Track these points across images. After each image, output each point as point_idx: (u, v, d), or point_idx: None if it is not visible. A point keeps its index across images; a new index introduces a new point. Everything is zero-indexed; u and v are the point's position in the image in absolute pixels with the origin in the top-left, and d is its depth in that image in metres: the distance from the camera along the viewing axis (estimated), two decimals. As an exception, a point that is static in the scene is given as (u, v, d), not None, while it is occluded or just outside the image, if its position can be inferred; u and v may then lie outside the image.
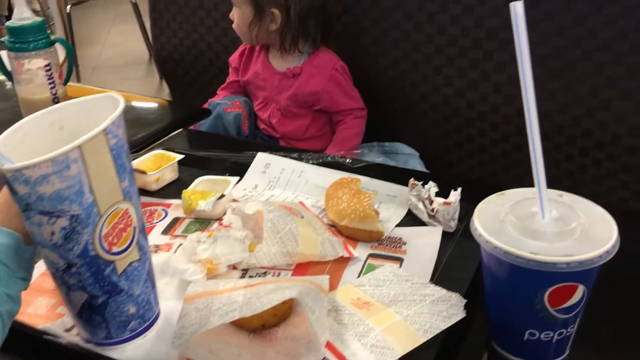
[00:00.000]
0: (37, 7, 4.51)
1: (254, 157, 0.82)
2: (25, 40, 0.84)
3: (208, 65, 1.62)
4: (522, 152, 1.27)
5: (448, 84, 1.29)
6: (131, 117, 0.99)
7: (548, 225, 0.48)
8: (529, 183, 0.51)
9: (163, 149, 0.83)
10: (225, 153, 0.84)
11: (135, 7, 3.26)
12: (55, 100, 0.86)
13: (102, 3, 3.43)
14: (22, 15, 0.86)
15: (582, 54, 1.13)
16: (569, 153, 1.21)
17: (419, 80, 1.31)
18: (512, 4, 0.46)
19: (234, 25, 1.26)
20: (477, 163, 1.35)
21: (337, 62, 1.30)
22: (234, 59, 1.38)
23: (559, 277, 0.45)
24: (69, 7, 3.23)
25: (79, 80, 3.35)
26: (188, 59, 1.66)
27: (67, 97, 0.89)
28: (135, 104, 1.03)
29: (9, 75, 0.91)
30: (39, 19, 0.84)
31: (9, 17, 4.30)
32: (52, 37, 0.85)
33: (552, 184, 1.28)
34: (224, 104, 1.34)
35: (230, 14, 1.27)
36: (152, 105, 1.04)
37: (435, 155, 1.40)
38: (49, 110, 0.52)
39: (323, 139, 1.36)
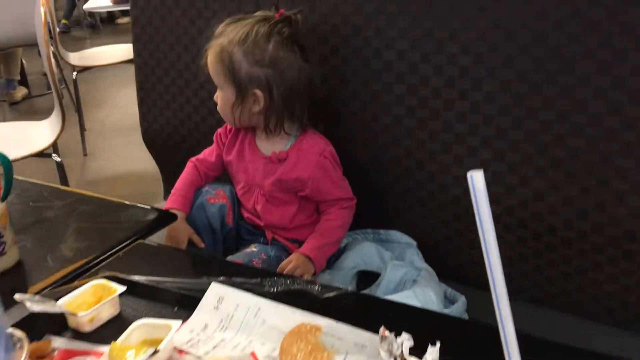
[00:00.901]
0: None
1: (209, 284, 0.72)
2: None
3: (195, 146, 1.54)
4: (526, 246, 1.15)
5: (444, 171, 1.18)
6: (82, 225, 0.90)
7: None
8: (538, 280, 0.42)
9: (106, 276, 0.73)
10: (178, 279, 0.74)
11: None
12: (-9, 219, 0.77)
13: (112, 66, 3.44)
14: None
15: (587, 142, 1.02)
16: (581, 249, 1.09)
17: (413, 167, 1.21)
18: (469, 174, 0.36)
19: (218, 108, 1.20)
20: (479, 254, 1.23)
21: (325, 148, 1.21)
22: (223, 132, 1.30)
23: None
24: (74, 73, 3.22)
25: (83, 142, 3.31)
26: (175, 139, 1.58)
27: (6, 214, 0.80)
28: (86, 208, 0.94)
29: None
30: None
31: (21, 82, 4.35)
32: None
33: (562, 280, 1.15)
34: (207, 193, 1.26)
35: (215, 96, 1.20)
36: (110, 208, 0.95)
37: (434, 244, 1.29)
38: None
39: (312, 227, 1.26)
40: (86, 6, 3.82)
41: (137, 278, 0.75)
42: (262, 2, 1.29)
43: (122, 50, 3.44)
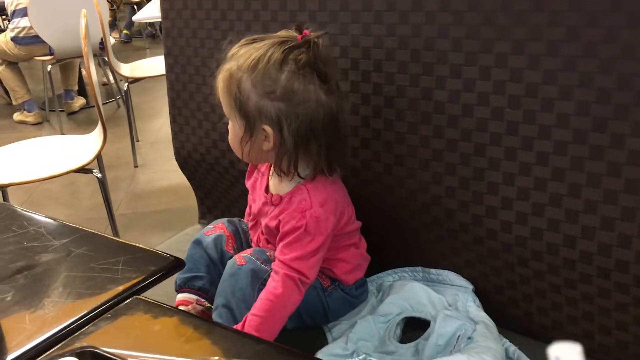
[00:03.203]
0: (105, 80, 4.60)
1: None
2: None
3: (229, 167, 1.42)
4: (609, 298, 0.95)
5: (507, 206, 1.00)
6: (72, 274, 0.77)
7: None
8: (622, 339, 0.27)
9: (82, 350, 0.60)
10: (160, 357, 0.60)
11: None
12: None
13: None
14: None
15: None
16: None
17: (469, 200, 1.03)
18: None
19: (229, 139, 1.04)
20: (551, 305, 1.04)
21: (312, 208, 0.98)
22: None
23: None
24: (126, 84, 3.18)
25: (134, 154, 3.28)
26: (208, 160, 1.46)
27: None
28: (82, 251, 0.82)
29: None
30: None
31: (80, 92, 4.39)
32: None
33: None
34: (207, 228, 1.16)
35: (229, 125, 1.05)
36: (110, 251, 0.82)
37: (495, 290, 1.10)
38: None
39: (344, 262, 1.10)
40: (135, 17, 3.80)
41: (118, 353, 0.61)
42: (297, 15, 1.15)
43: (174, 61, 3.38)
